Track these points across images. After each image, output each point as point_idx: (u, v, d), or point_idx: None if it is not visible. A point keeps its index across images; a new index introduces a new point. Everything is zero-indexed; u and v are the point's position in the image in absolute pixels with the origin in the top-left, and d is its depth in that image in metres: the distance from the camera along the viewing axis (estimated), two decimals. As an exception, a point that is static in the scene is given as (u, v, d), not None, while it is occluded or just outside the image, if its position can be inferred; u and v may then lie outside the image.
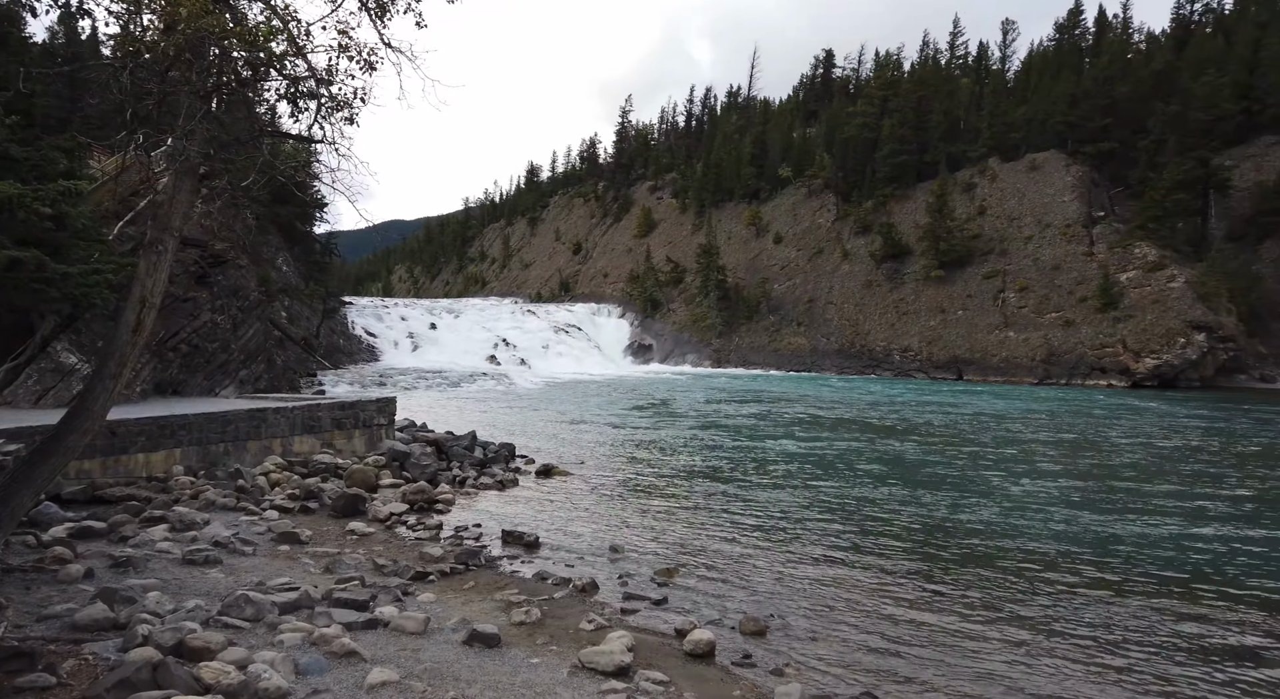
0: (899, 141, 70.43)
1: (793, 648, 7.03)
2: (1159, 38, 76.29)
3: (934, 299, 60.11)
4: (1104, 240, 54.23)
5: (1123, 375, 46.79)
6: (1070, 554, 10.50)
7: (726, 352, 70.88)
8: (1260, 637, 7.81)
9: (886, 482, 15.49)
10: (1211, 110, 55.80)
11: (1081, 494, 14.56)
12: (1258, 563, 10.40)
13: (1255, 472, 17.86)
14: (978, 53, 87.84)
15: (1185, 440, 23.05)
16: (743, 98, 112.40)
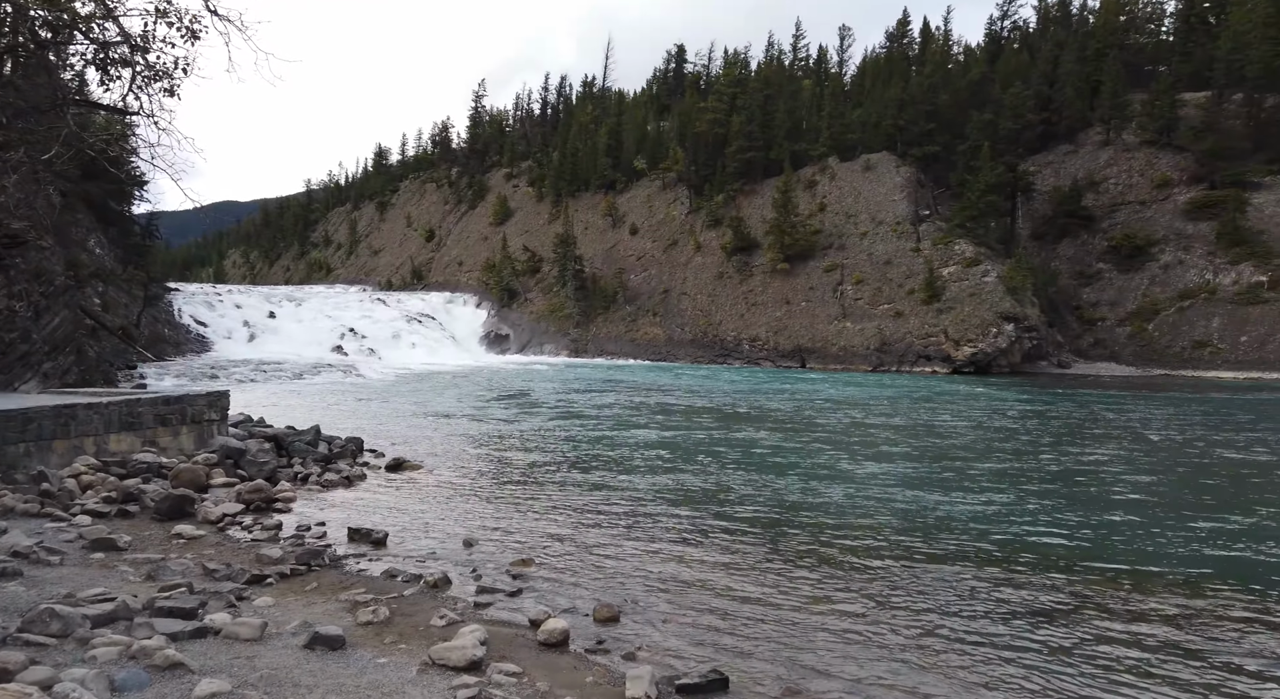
0: (747, 138, 73.08)
1: (646, 632, 7.19)
2: (974, 51, 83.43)
3: (780, 291, 62.99)
4: (929, 237, 58.75)
5: (945, 362, 51.01)
6: (909, 530, 11.33)
7: (584, 341, 71.14)
8: (1065, 597, 8.76)
9: (740, 467, 16.10)
10: (1018, 120, 61.70)
11: (920, 474, 15.73)
12: (1066, 531, 11.67)
13: (1067, 449, 19.99)
14: (818, 56, 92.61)
15: (1006, 421, 25.48)
16: (598, 88, 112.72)
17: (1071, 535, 11.28)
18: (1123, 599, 8.67)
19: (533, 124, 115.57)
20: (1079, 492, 14.40)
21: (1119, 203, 59.77)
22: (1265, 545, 11.13)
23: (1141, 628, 7.83)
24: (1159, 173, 59.24)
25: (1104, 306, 55.29)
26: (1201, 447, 20.47)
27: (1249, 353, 47.33)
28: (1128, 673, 6.76)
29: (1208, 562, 10.26)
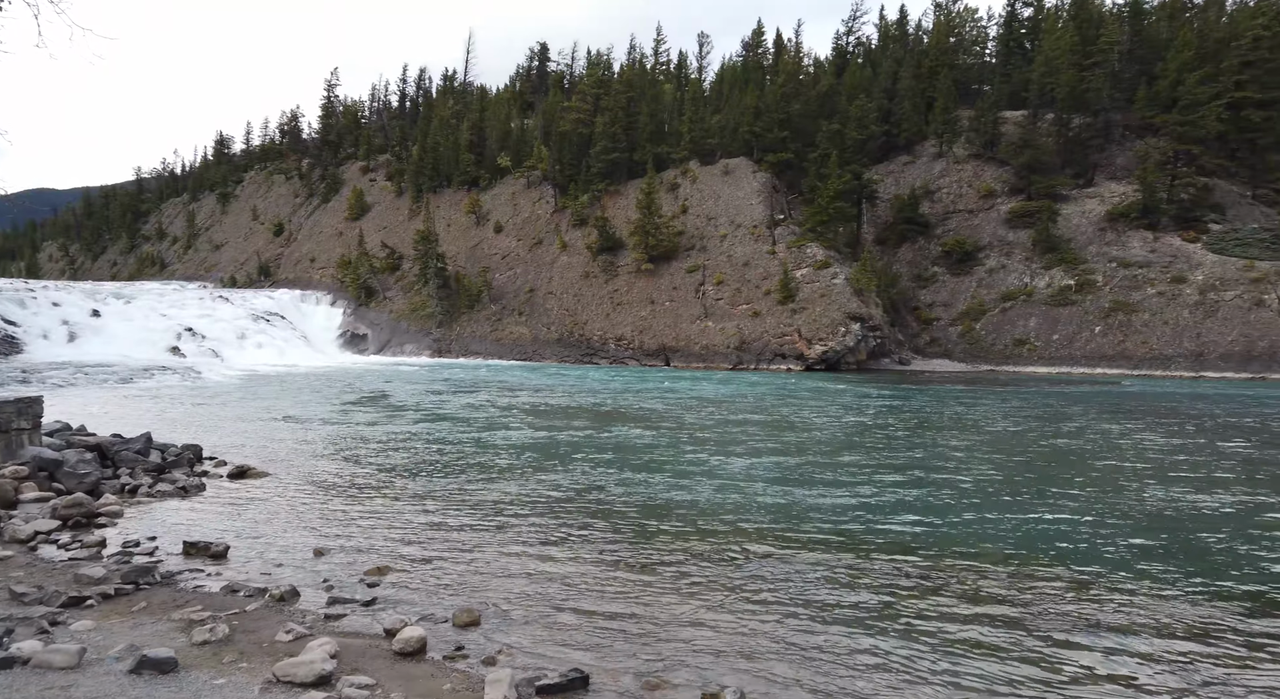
0: (611, 139, 73.71)
1: (508, 635, 7.15)
2: (823, 64, 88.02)
3: (644, 291, 63.97)
4: (783, 240, 61.42)
5: (798, 360, 53.52)
6: (773, 523, 11.79)
7: (448, 341, 69.45)
8: (913, 578, 9.41)
9: (611, 467, 16.21)
10: (863, 130, 65.62)
11: (785, 468, 16.38)
12: (916, 517, 12.51)
13: (915, 440, 21.42)
14: (678, 61, 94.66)
15: (860, 415, 27.01)
16: (459, 83, 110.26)
17: (920, 521, 12.15)
18: (963, 578, 9.45)
19: (390, 116, 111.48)
20: (927, 479, 15.52)
21: (951, 211, 64.82)
22: (1083, 526, 12.42)
23: (979, 607, 8.56)
24: (984, 184, 64.73)
25: (939, 307, 59.83)
26: (1029, 436, 22.56)
27: (1059, 349, 52.60)
28: (962, 644, 7.38)
29: (1036, 540, 11.35)
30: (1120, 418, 26.81)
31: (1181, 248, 53.78)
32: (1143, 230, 55.85)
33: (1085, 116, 63.96)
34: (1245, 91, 57.15)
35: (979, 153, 66.88)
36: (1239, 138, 58.94)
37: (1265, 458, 19.12)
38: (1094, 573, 9.68)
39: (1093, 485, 15.39)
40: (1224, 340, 47.66)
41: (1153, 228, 55.68)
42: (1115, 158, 63.79)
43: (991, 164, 65.63)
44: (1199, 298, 50.00)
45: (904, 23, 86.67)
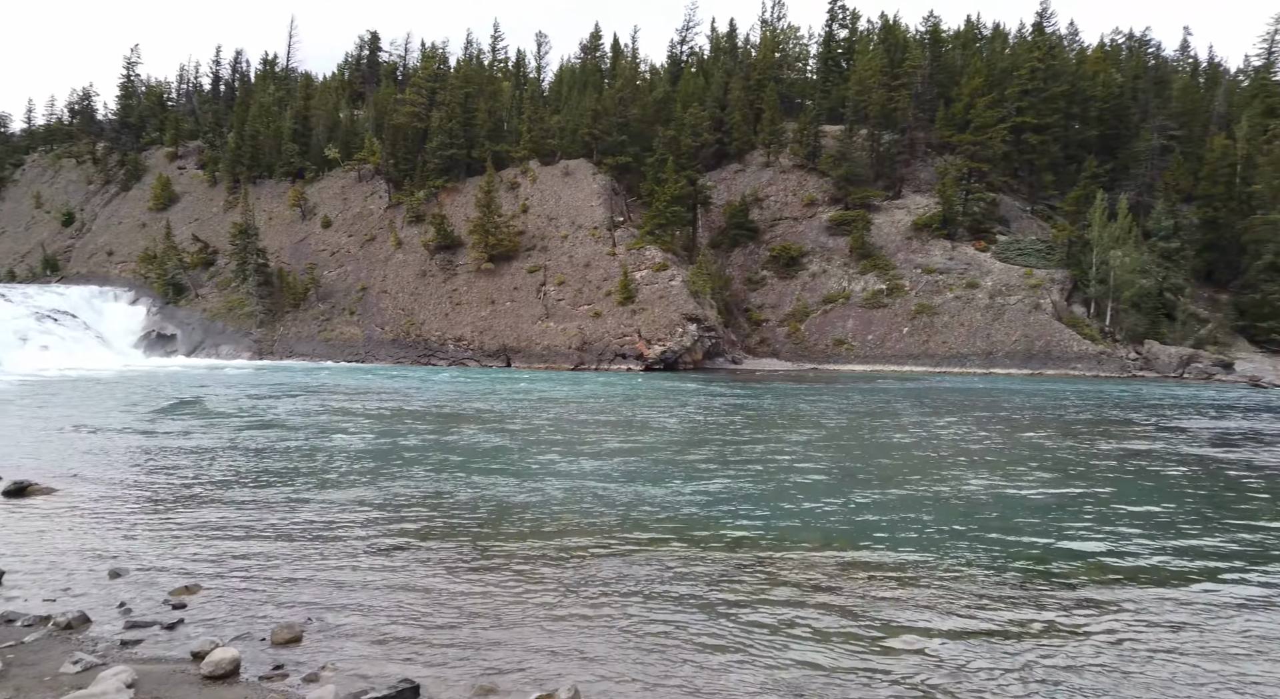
0: (448, 135, 71.96)
1: (334, 649, 6.91)
2: (659, 71, 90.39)
3: (485, 290, 62.96)
4: (623, 242, 62.51)
5: (638, 360, 54.69)
6: (619, 521, 11.99)
7: (270, 342, 65.11)
8: (737, 569, 9.91)
9: (456, 471, 15.86)
10: (697, 138, 67.98)
11: (632, 467, 16.66)
12: (754, 508, 13.14)
13: (755, 435, 22.42)
14: (516, 59, 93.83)
15: (704, 413, 27.93)
16: (281, 68, 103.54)
17: (757, 513, 12.82)
18: (794, 566, 10.10)
19: (202, 100, 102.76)
20: (765, 473, 16.37)
21: (778, 218, 68.55)
22: (905, 512, 13.59)
23: (807, 594, 9.19)
24: (807, 193, 68.95)
25: (768, 309, 63.13)
26: (860, 430, 24.30)
27: (873, 349, 57.04)
28: (790, 629, 7.92)
29: (864, 528, 12.29)
30: (937, 411, 29.52)
31: (974, 256, 59.85)
32: (942, 240, 61.61)
33: (894, 133, 69.66)
34: (1025, 117, 64.45)
35: (802, 164, 71.14)
36: (1020, 158, 66.37)
37: (1054, 445, 21.73)
38: (913, 556, 10.67)
39: (914, 474, 16.89)
40: (1009, 340, 53.54)
41: (951, 238, 61.56)
42: (920, 172, 69.92)
43: (814, 174, 70.01)
44: (989, 302, 55.86)
45: (733, 36, 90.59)
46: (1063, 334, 52.53)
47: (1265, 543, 12.03)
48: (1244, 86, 77.93)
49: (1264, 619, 8.68)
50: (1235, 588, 9.69)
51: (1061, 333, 52.64)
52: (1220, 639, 7.98)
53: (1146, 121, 66.32)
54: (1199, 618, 8.62)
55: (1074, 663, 7.27)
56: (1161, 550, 11.35)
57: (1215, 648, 7.76)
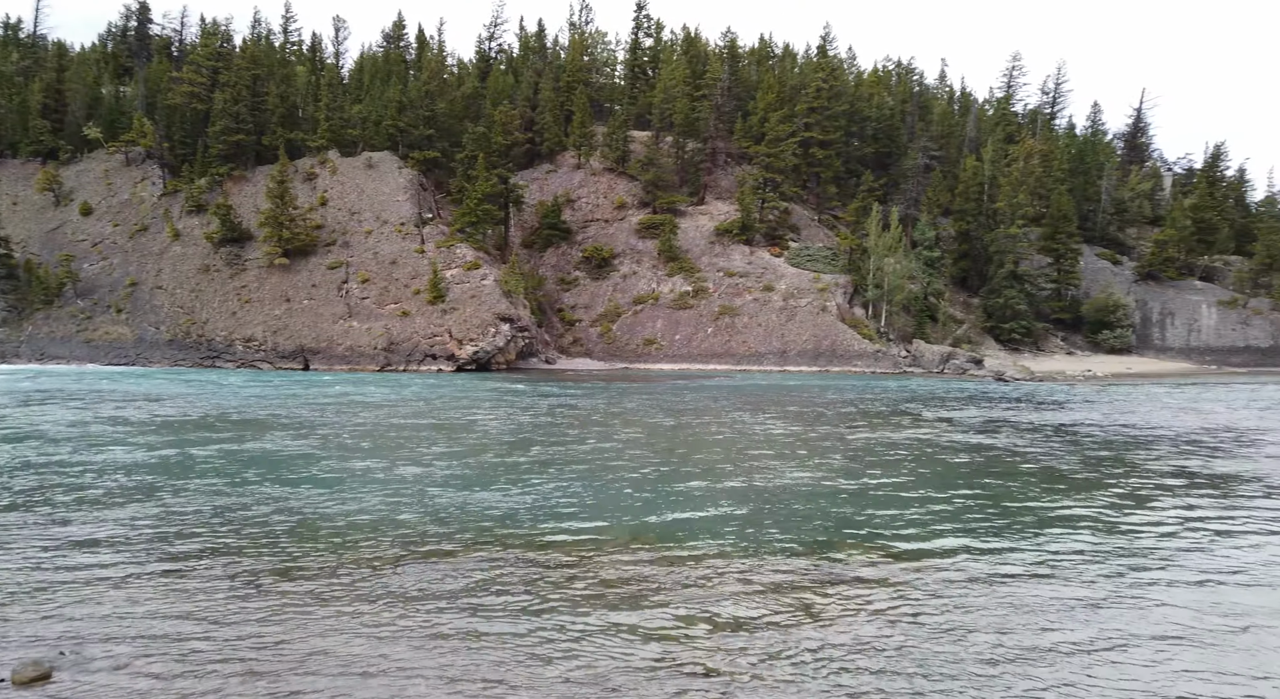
0: (234, 119, 66.44)
1: (90, 685, 6.35)
2: (467, 66, 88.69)
3: (279, 287, 58.82)
4: (432, 240, 60.84)
5: (449, 360, 53.49)
6: (432, 529, 11.75)
7: (15, 344, 57.06)
8: (547, 569, 10.08)
9: (256, 483, 14.80)
10: (508, 136, 67.49)
11: (456, 472, 16.30)
12: (577, 508, 13.32)
13: (576, 436, 22.57)
14: (312, 43, 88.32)
15: (524, 414, 27.76)
16: (27, 34, 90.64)
17: (570, 513, 13.05)
18: (600, 563, 10.42)
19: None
20: (586, 472, 16.65)
21: (590, 219, 69.65)
22: (712, 504, 14.35)
23: (609, 588, 9.55)
24: (618, 196, 70.63)
25: (580, 309, 63.99)
26: (668, 426, 25.24)
27: (681, 348, 59.55)
28: (591, 625, 8.23)
29: (675, 524, 12.87)
30: (746, 407, 31.34)
31: (770, 261, 64.13)
32: (742, 245, 65.46)
33: (698, 142, 73.01)
34: (812, 132, 69.94)
35: (613, 167, 72.73)
36: (808, 171, 71.92)
37: (850, 435, 23.80)
38: (718, 547, 11.38)
39: (726, 467, 17.90)
40: (800, 339, 57.92)
41: (749, 243, 65.55)
42: (721, 180, 73.79)
43: (624, 178, 71.80)
44: (783, 304, 60.09)
45: (543, 36, 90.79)
46: (846, 334, 57.61)
47: (1023, 519, 14.04)
48: (989, 115, 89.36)
49: (1026, 589, 10.16)
50: (1003, 560, 11.28)
51: (845, 333, 57.72)
52: (990, 607, 9.28)
53: (913, 142, 74.24)
54: (975, 590, 9.96)
55: (857, 641, 8.17)
56: (941, 532, 12.92)
57: (990, 622, 9.01)
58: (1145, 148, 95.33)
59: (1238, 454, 21.18)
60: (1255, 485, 17.09)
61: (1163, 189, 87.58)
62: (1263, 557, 11.88)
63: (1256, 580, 10.68)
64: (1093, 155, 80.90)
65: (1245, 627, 8.84)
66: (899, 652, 7.76)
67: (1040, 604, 9.41)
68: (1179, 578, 10.70)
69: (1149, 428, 26.20)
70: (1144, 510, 14.66)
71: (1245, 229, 76.48)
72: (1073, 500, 15.33)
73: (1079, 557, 11.53)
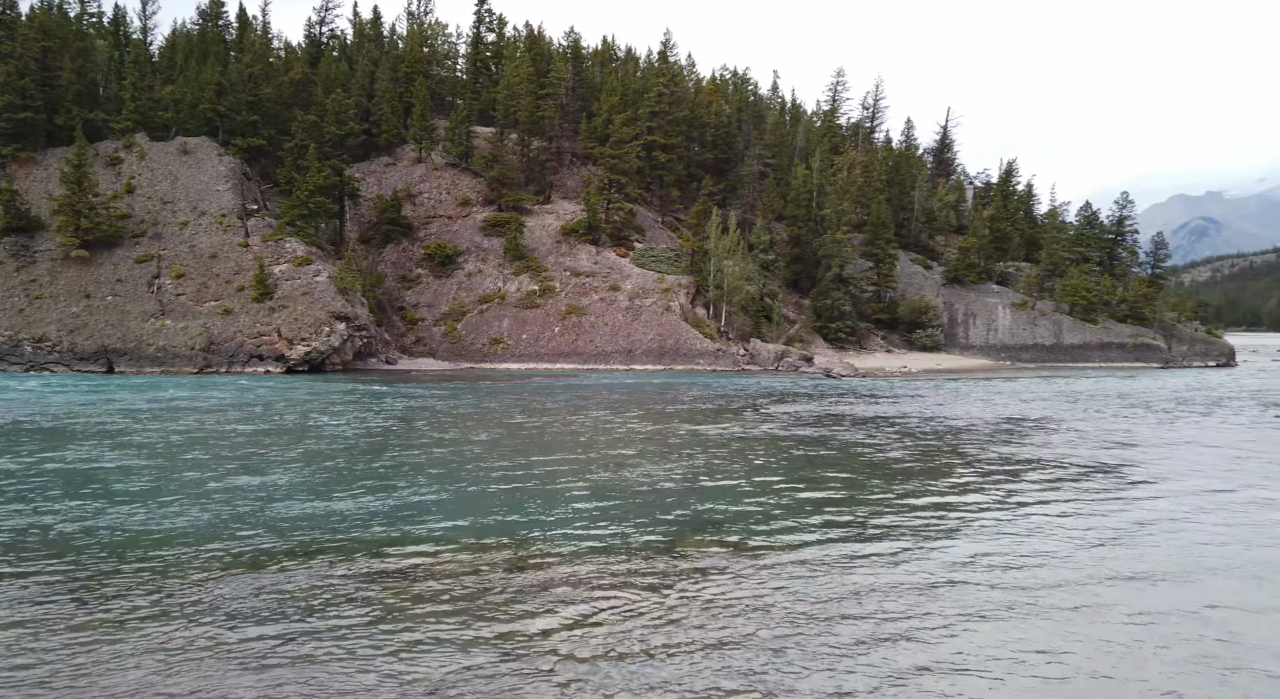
0: (20, 95, 58.93)
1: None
2: (295, 50, 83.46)
3: (77, 282, 52.80)
4: (258, 233, 56.83)
5: (279, 362, 50.20)
6: (275, 539, 11.04)
7: None
8: (377, 576, 9.80)
9: (61, 499, 13.26)
10: (342, 126, 64.26)
11: (294, 480, 15.30)
12: (406, 515, 12.91)
13: (414, 440, 21.79)
14: (115, 16, 79.89)
15: (369, 418, 26.42)
16: None
17: (405, 518, 12.69)
18: (426, 568, 10.25)
19: None
20: (437, 475, 16.16)
21: (432, 215, 67.66)
22: (571, 504, 14.38)
23: (452, 590, 9.43)
24: (462, 193, 69.06)
25: (423, 308, 62.03)
26: (522, 426, 24.96)
27: (528, 347, 59.17)
28: (428, 627, 8.12)
29: (518, 525, 12.79)
30: (597, 406, 31.55)
31: (616, 262, 65.07)
32: (588, 245, 65.97)
33: (543, 140, 72.74)
34: (655, 136, 71.60)
35: (456, 163, 71.02)
36: (652, 173, 73.59)
37: (699, 431, 24.53)
38: (564, 544, 11.48)
39: (579, 464, 17.98)
40: (646, 339, 59.22)
41: (595, 243, 66.17)
42: (567, 180, 73.96)
43: (467, 174, 70.28)
44: (629, 304, 61.17)
45: (378, 23, 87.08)
46: (689, 333, 59.53)
47: (858, 506, 15.15)
48: (817, 126, 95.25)
49: (864, 573, 11.01)
50: (842, 548, 12.13)
51: (688, 332, 59.62)
52: (831, 594, 9.99)
53: (749, 149, 77.74)
54: (819, 576, 10.67)
55: (705, 632, 8.58)
56: (783, 521, 13.71)
57: (832, 607, 9.69)
58: (951, 162, 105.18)
59: (1032, 441, 23.99)
60: (1051, 469, 19.45)
61: (966, 201, 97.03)
62: (1055, 536, 13.59)
63: (1052, 556, 12.23)
64: (907, 168, 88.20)
65: (1036, 601, 10.13)
66: (747, 639, 8.25)
67: (877, 586, 10.32)
68: (990, 556, 12.06)
69: (957, 418, 29.11)
70: (956, 495, 16.34)
71: (1033, 238, 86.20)
72: (900, 488, 16.82)
73: (907, 540, 12.72)
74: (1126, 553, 12.06)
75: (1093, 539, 12.80)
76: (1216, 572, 11.21)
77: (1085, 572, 11.07)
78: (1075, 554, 11.94)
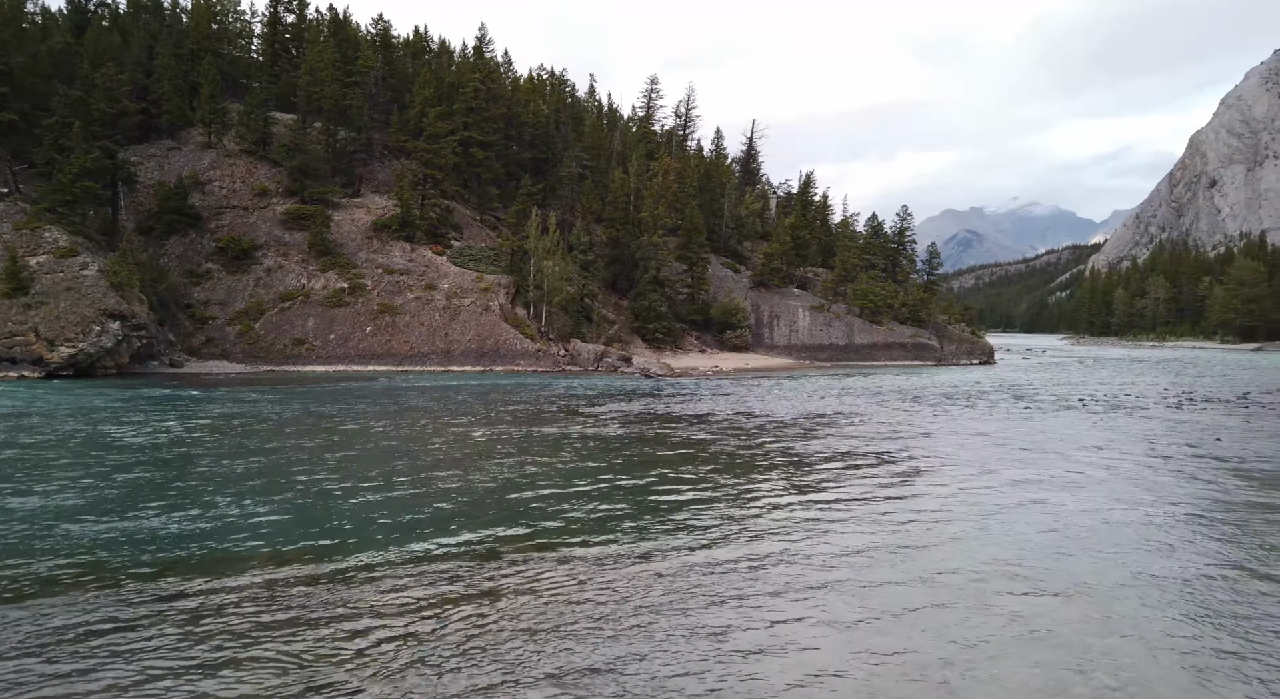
0: None
1: None
2: (56, 16, 73.75)
3: None
4: (9, 219, 49.55)
5: (37, 365, 44.01)
6: (53, 564, 9.63)
7: None
8: (163, 602, 8.91)
9: None
10: (114, 104, 57.48)
11: (80, 501, 13.34)
12: (194, 533, 11.70)
13: (252, 448, 19.73)
14: None
15: (158, 428, 23.57)
16: None
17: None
18: (221, 587, 9.42)
19: None
20: (234, 490, 14.71)
21: (225, 206, 62.11)
22: (380, 513, 13.61)
23: (243, 611, 8.71)
24: (259, 182, 63.96)
25: (214, 306, 56.75)
26: (328, 430, 23.38)
27: (336, 349, 55.84)
28: (207, 652, 7.47)
29: (336, 533, 11.97)
30: (412, 410, 30.20)
31: (432, 260, 63.01)
32: (402, 242, 63.40)
33: (350, 131, 69.00)
34: (471, 132, 70.13)
35: (251, 150, 65.70)
36: (469, 170, 72.01)
37: (520, 434, 24.15)
38: (371, 556, 10.93)
39: (387, 471, 17.11)
40: (465, 339, 57.81)
41: (410, 240, 63.71)
42: (378, 173, 70.66)
43: (265, 163, 65.23)
44: (446, 303, 59.44)
45: (160, -7, 78.88)
46: (509, 334, 58.81)
47: (672, 500, 15.57)
48: (634, 131, 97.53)
49: (660, 566, 11.31)
50: (657, 543, 12.40)
51: (508, 333, 58.89)
52: (640, 588, 10.19)
53: (567, 151, 78.13)
54: (628, 571, 10.84)
55: (514, 634, 8.51)
56: (597, 519, 13.83)
57: (643, 601, 9.88)
58: (756, 172, 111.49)
59: (830, 433, 25.95)
60: (846, 458, 21.11)
61: (770, 209, 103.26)
62: (854, 520, 14.78)
63: (852, 538, 13.28)
64: (717, 175, 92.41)
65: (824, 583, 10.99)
66: (564, 637, 8.30)
67: (691, 578, 10.73)
68: (794, 542, 12.91)
69: (765, 414, 30.92)
70: (765, 485, 17.35)
71: (828, 246, 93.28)
72: (712, 480, 17.59)
73: (715, 530, 13.33)
74: (911, 529, 13.36)
75: (882, 519, 14.05)
76: (984, 546, 12.69)
77: (875, 552, 12.12)
78: (871, 536, 13.03)
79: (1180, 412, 32.90)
